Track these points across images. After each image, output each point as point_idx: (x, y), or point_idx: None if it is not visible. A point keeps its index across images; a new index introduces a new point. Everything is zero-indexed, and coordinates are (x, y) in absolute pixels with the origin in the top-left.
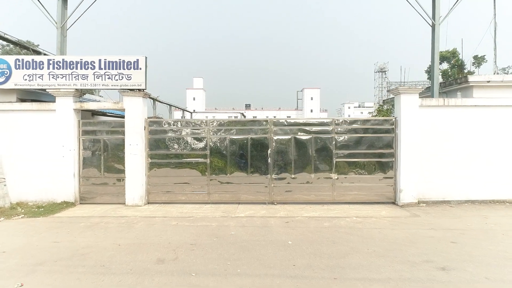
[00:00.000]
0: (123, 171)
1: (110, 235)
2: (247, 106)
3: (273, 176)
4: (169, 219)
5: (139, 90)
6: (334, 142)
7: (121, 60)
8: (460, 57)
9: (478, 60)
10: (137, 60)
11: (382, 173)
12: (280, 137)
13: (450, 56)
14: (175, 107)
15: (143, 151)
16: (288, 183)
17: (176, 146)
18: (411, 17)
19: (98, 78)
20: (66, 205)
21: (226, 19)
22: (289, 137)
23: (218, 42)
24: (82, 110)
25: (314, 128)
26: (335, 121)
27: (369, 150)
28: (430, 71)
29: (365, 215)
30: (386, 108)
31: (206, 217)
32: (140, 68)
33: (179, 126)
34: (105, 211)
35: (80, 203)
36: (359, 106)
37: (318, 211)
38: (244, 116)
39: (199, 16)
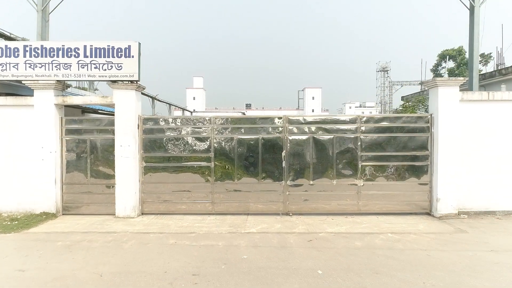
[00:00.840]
0: (113, 177)
1: (92, 259)
2: (248, 106)
3: (288, 182)
4: (166, 236)
5: (131, 81)
6: (359, 143)
7: (110, 47)
8: (501, 45)
9: (485, 58)
10: (129, 46)
11: (415, 179)
12: (297, 137)
13: (455, 55)
14: (174, 106)
15: (136, 153)
16: (306, 190)
17: (175, 147)
18: (412, 17)
19: (83, 67)
20: (46, 216)
21: (226, 19)
22: (307, 137)
23: (218, 42)
24: (66, 106)
25: (336, 127)
26: (360, 118)
27: (400, 152)
28: (436, 70)
29: (400, 230)
30: (412, 104)
31: (211, 233)
32: (133, 56)
33: (179, 124)
34: (91, 224)
35: (63, 214)
36: (360, 106)
37: (344, 225)
38: None
39: (199, 16)
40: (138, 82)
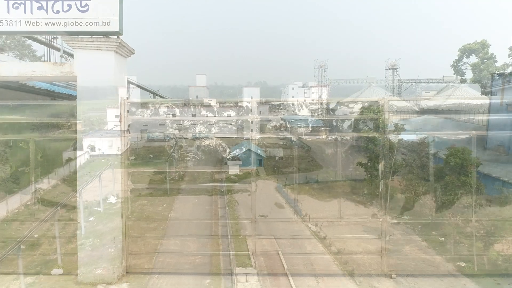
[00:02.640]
0: (75, 207)
1: None
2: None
3: None
4: None
5: (107, 34)
6: None
7: None
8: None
9: None
10: None
11: None
12: None
13: (479, 48)
14: None
15: (117, 164)
16: None
17: (184, 154)
18: (412, 17)
19: (17, 8)
20: None
21: (226, 19)
22: None
23: (218, 40)
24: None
25: None
26: None
27: None
28: (456, 66)
29: None
30: None
31: None
32: None
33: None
34: None
35: None
36: None
37: None
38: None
39: (199, 15)
40: (119, 37)
